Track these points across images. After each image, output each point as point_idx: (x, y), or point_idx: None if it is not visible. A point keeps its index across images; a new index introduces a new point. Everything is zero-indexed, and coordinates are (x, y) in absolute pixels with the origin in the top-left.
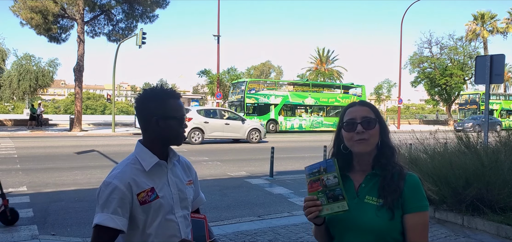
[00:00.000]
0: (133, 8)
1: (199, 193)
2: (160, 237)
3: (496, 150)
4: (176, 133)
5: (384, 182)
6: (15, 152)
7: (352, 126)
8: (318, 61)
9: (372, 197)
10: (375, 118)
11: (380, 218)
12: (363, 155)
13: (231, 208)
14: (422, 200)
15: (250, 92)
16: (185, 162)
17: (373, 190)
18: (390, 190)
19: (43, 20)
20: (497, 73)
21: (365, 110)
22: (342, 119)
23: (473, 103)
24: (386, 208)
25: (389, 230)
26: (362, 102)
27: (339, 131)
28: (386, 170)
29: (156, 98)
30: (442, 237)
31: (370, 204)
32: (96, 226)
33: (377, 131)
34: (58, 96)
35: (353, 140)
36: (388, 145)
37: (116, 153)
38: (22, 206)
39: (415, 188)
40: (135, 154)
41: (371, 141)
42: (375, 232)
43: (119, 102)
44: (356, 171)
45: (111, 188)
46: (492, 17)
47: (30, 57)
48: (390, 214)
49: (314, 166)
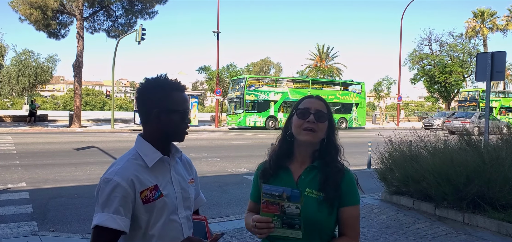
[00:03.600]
0: (133, 4)
1: (199, 192)
2: (163, 239)
3: (497, 147)
4: (177, 128)
5: (326, 178)
6: (14, 148)
7: (306, 114)
8: (318, 58)
9: (312, 189)
10: (326, 114)
11: (321, 213)
12: (306, 146)
13: (231, 204)
14: (356, 195)
15: (249, 89)
16: (186, 159)
17: (313, 183)
18: (332, 187)
19: (42, 15)
20: (498, 71)
21: (320, 105)
22: (296, 107)
23: (473, 100)
24: (327, 202)
25: (327, 222)
26: (319, 97)
27: (289, 119)
28: (329, 167)
29: (159, 89)
30: (443, 235)
31: (311, 197)
32: (96, 227)
33: (326, 127)
34: (57, 92)
35: (302, 128)
36: (334, 144)
37: (116, 149)
38: (21, 202)
39: (351, 184)
40: (136, 149)
41: (318, 134)
42: (316, 225)
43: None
44: (295, 162)
45: (112, 185)
46: (492, 14)
47: (29, 53)
48: (330, 209)
49: (275, 188)
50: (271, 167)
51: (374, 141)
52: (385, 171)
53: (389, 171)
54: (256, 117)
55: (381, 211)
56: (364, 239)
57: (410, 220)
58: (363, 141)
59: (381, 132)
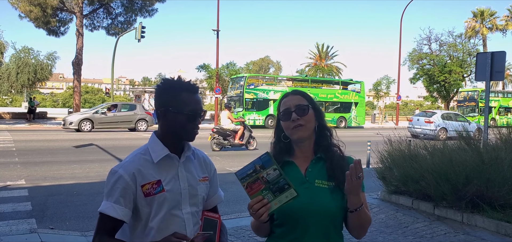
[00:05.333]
0: (132, 2)
1: (216, 190)
2: (162, 232)
3: (497, 147)
4: (183, 127)
5: (332, 164)
6: (14, 145)
7: (288, 115)
8: (318, 57)
9: (322, 180)
10: (307, 105)
11: (336, 200)
12: (303, 142)
13: (231, 203)
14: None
15: (249, 87)
16: (202, 157)
17: (321, 174)
18: (339, 171)
19: (42, 13)
20: (498, 70)
21: (298, 99)
22: (279, 111)
23: (472, 100)
24: (339, 189)
25: (341, 210)
26: (294, 92)
27: (278, 122)
28: (329, 152)
29: (169, 90)
30: (441, 234)
31: (322, 188)
32: (99, 213)
33: (312, 116)
34: (56, 90)
35: (291, 128)
36: (325, 127)
37: (115, 147)
38: (20, 199)
39: None
40: (147, 145)
41: (307, 126)
42: (331, 214)
43: (118, 96)
44: (298, 158)
45: (116, 177)
46: (492, 14)
47: (29, 50)
48: (342, 195)
49: (246, 168)
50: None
51: (373, 140)
52: (384, 170)
53: (388, 170)
54: (256, 116)
55: (380, 210)
56: (363, 237)
57: (409, 220)
58: (362, 140)
59: (380, 131)
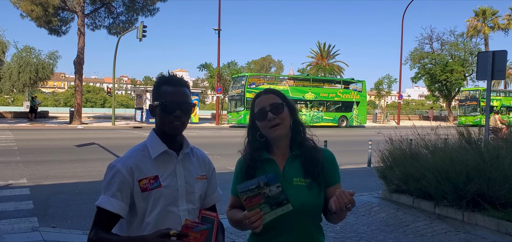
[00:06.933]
0: (134, 1)
1: (215, 189)
2: (159, 227)
3: (497, 145)
4: (162, 119)
5: (306, 158)
6: (15, 144)
7: (263, 114)
8: (319, 56)
9: (299, 178)
10: (282, 102)
11: (313, 197)
12: (280, 139)
13: None
14: (338, 173)
15: (250, 86)
16: (202, 156)
17: (298, 172)
18: (313, 165)
19: (44, 12)
20: (499, 70)
21: (272, 97)
22: (253, 111)
23: (473, 99)
24: (315, 184)
25: (319, 204)
26: (267, 91)
27: (253, 122)
28: (304, 146)
29: (154, 85)
30: (442, 233)
31: (300, 186)
32: (97, 207)
33: (287, 113)
34: (58, 89)
35: (268, 128)
36: (299, 122)
37: (116, 146)
38: (22, 198)
39: (333, 162)
40: (146, 141)
41: (284, 123)
42: (311, 210)
43: (119, 96)
44: (277, 155)
45: (114, 171)
46: (494, 13)
47: (30, 50)
48: (319, 189)
49: (249, 183)
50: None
51: (374, 139)
52: (385, 169)
53: (389, 169)
54: None
55: (380, 209)
56: (364, 237)
57: (409, 218)
58: (364, 139)
59: (381, 130)
